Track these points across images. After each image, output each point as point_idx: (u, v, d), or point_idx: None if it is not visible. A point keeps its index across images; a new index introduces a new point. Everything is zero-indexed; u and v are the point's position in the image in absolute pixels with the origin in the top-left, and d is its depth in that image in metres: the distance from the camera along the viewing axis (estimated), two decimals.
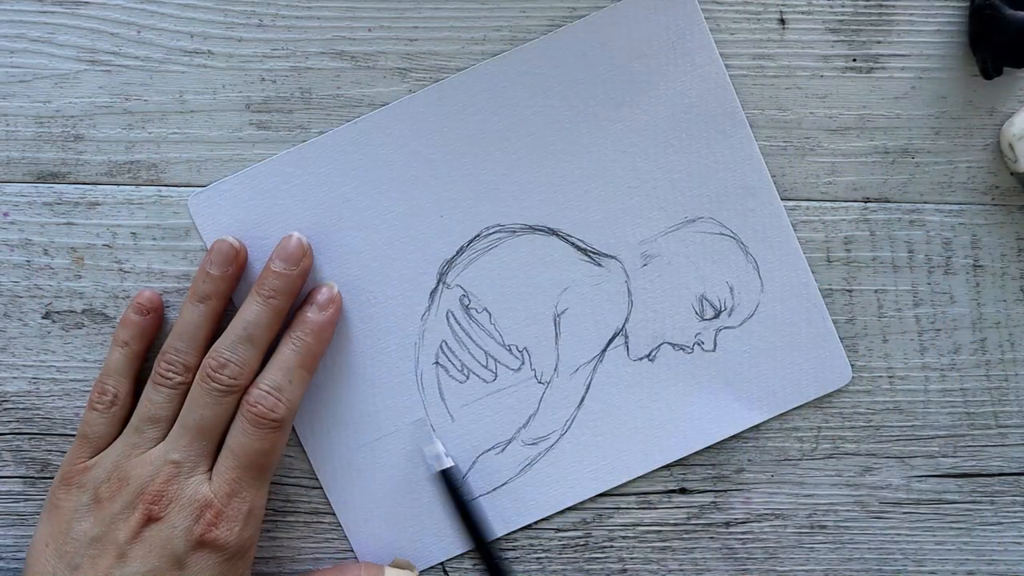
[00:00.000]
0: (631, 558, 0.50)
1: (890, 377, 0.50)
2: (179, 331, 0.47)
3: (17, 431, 0.49)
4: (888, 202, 0.49)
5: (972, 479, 0.50)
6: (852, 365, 0.50)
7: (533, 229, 0.49)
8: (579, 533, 0.50)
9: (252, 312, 0.46)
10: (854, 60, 0.49)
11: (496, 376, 0.49)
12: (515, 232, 0.49)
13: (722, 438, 0.49)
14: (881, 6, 0.49)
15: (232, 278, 0.47)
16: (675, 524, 0.50)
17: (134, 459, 0.45)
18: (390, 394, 0.49)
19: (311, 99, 0.49)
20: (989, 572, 0.50)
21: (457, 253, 0.49)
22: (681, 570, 0.50)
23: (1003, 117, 0.49)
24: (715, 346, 0.49)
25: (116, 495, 0.45)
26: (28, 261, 0.49)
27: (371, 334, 0.49)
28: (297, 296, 0.48)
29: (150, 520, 0.44)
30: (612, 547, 0.50)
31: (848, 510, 0.50)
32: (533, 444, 0.49)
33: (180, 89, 0.49)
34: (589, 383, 0.49)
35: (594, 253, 0.49)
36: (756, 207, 0.49)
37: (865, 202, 0.49)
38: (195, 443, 0.45)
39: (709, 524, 0.50)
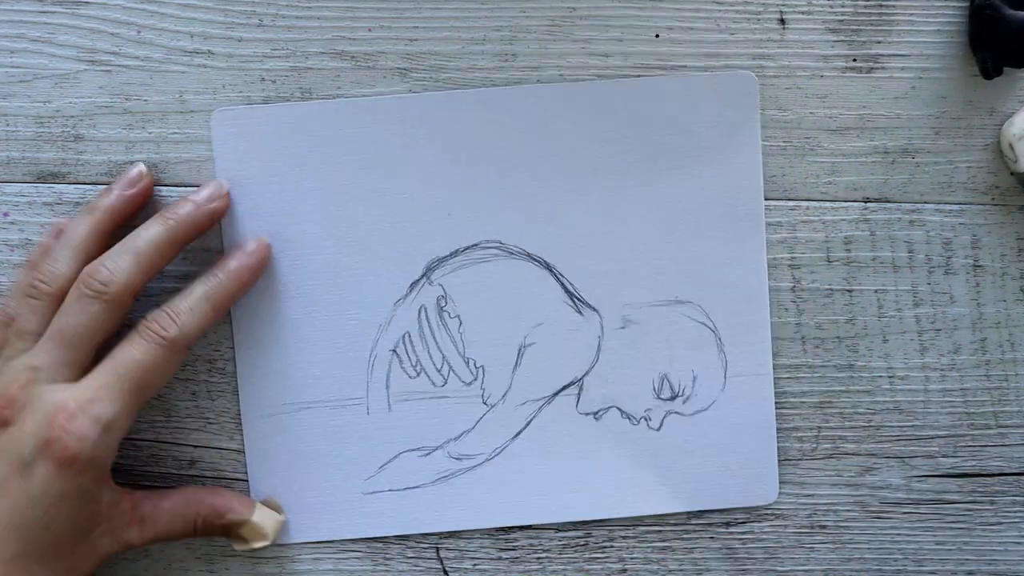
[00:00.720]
0: (631, 558, 0.50)
1: (890, 377, 0.50)
2: (61, 241, 0.46)
3: None
4: (888, 202, 0.49)
5: (972, 479, 0.50)
6: (852, 365, 0.50)
7: (531, 257, 0.49)
8: (579, 533, 0.50)
9: (147, 229, 0.45)
10: (854, 60, 0.49)
11: (446, 383, 0.49)
12: (512, 254, 0.49)
13: (634, 515, 0.50)
14: (881, 6, 0.49)
15: (129, 201, 0.47)
16: (675, 524, 0.50)
17: None
18: (338, 364, 0.49)
19: (311, 99, 0.49)
20: (989, 572, 0.50)
21: (451, 254, 0.49)
22: (681, 570, 0.50)
23: (1003, 117, 0.49)
24: (660, 426, 0.49)
25: None
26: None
27: (341, 303, 0.49)
28: (201, 234, 0.47)
29: (1, 425, 0.43)
30: (612, 547, 0.50)
31: (848, 510, 0.50)
32: (457, 459, 0.49)
33: (180, 89, 0.49)
34: (530, 420, 0.49)
35: (579, 300, 0.49)
36: (745, 311, 0.49)
37: (865, 202, 0.49)
38: (58, 350, 0.43)
39: (709, 524, 0.50)
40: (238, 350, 0.49)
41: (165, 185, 0.49)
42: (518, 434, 0.49)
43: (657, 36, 0.49)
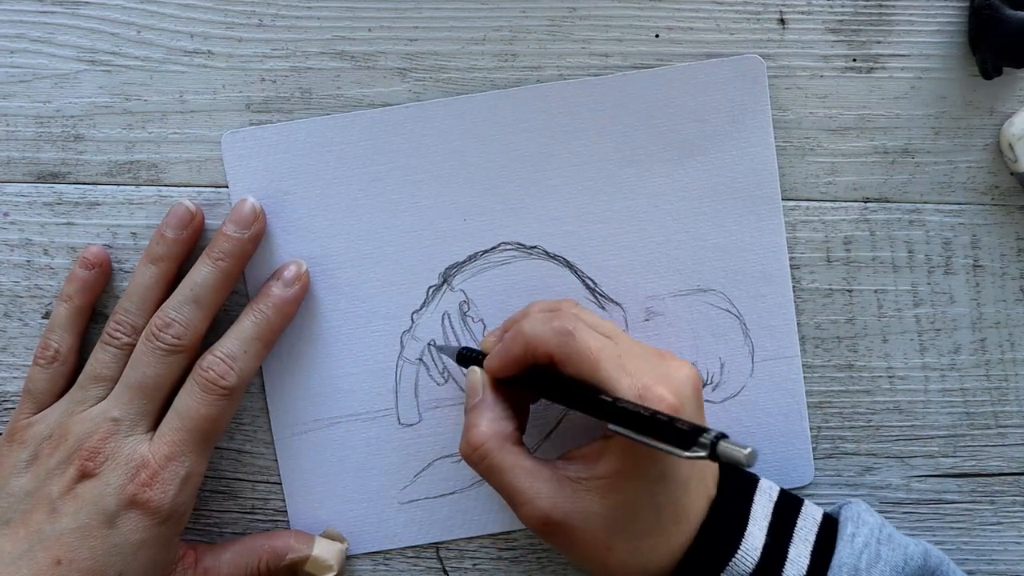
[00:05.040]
0: None
1: (890, 377, 0.50)
2: (130, 292, 0.47)
3: None
4: (888, 202, 0.49)
5: (972, 479, 0.50)
6: (851, 365, 0.50)
7: (550, 256, 0.49)
8: None
9: (201, 274, 0.46)
10: (854, 60, 0.49)
11: None
12: (531, 254, 0.49)
13: None
14: (881, 6, 0.49)
15: (186, 242, 0.47)
16: None
17: (76, 416, 0.45)
18: (366, 377, 0.49)
19: (311, 99, 0.49)
20: (989, 572, 0.50)
21: (469, 259, 0.49)
22: None
23: (1003, 117, 0.49)
24: None
25: (54, 451, 0.45)
26: (28, 261, 0.49)
27: (365, 314, 0.49)
28: (247, 261, 0.48)
29: (84, 476, 0.44)
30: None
31: None
32: None
33: (180, 89, 0.49)
34: (561, 419, 0.49)
35: (601, 295, 0.49)
36: (768, 294, 0.49)
37: (865, 202, 0.49)
38: (135, 401, 0.45)
39: None
40: (265, 370, 0.49)
41: (165, 185, 0.49)
42: (550, 434, 0.49)
43: (657, 36, 0.49)
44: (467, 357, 0.47)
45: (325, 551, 0.48)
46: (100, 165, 0.49)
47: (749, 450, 0.36)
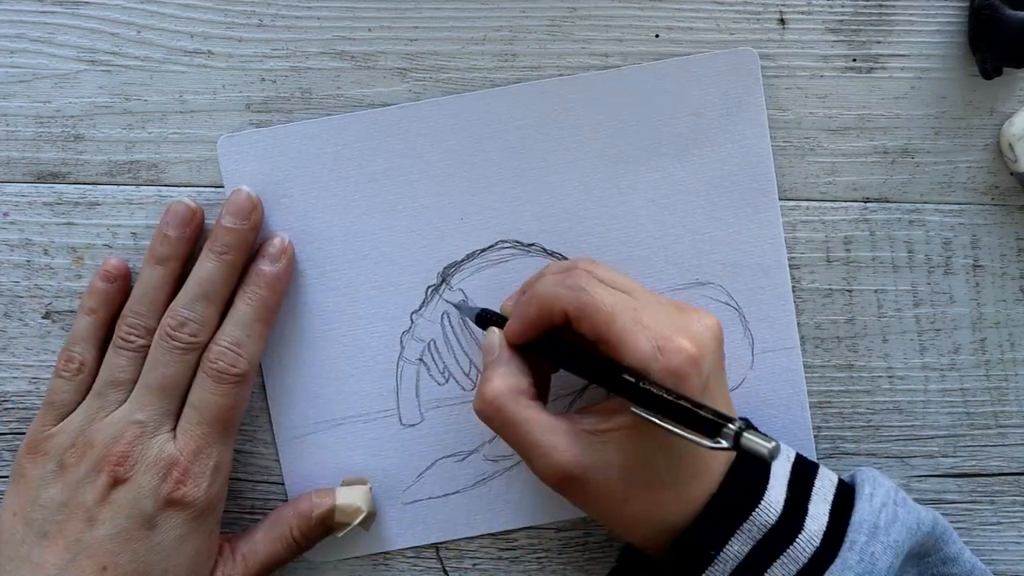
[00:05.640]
0: None
1: (890, 377, 0.50)
2: (138, 294, 0.47)
3: (17, 431, 0.49)
4: (888, 202, 0.49)
5: (972, 479, 0.50)
6: (851, 365, 0.50)
7: (548, 253, 0.49)
8: (579, 533, 0.50)
9: (206, 269, 0.46)
10: (854, 60, 0.49)
11: (475, 386, 0.49)
12: (529, 251, 0.49)
13: None
14: (881, 6, 0.49)
15: (189, 240, 0.47)
16: None
17: (98, 422, 0.45)
18: (366, 378, 0.49)
19: (311, 99, 0.49)
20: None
21: (466, 258, 0.49)
22: None
23: (1003, 117, 0.49)
24: None
25: (81, 460, 0.45)
26: (28, 261, 0.49)
27: (365, 315, 0.49)
28: (250, 251, 0.47)
29: (116, 482, 0.44)
30: (612, 547, 0.50)
31: None
32: (493, 461, 0.49)
33: (180, 89, 0.49)
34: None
35: None
36: (767, 286, 0.49)
37: (865, 202, 0.49)
38: (158, 402, 0.45)
39: None
40: (266, 373, 0.49)
41: (165, 185, 0.49)
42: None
43: (657, 36, 0.49)
44: (487, 319, 0.46)
45: (349, 497, 0.48)
46: (100, 165, 0.49)
47: (773, 444, 0.37)
